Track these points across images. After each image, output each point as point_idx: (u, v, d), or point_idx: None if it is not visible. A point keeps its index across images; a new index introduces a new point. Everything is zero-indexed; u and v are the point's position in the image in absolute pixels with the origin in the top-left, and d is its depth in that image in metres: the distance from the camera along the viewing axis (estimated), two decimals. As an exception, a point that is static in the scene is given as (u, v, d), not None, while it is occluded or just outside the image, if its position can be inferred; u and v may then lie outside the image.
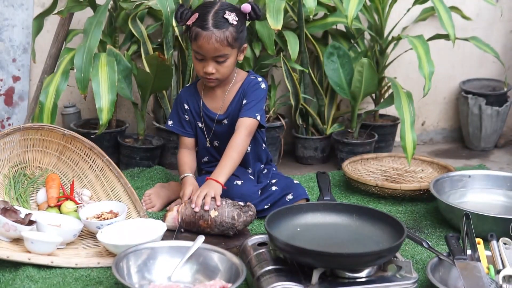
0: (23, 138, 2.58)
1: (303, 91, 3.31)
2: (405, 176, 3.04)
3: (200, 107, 2.70)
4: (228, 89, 2.68)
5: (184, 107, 2.73)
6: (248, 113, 2.62)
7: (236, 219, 2.40)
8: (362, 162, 3.14)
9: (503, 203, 2.79)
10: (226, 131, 2.69)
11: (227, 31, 2.52)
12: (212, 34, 2.51)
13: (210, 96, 2.71)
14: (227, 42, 2.53)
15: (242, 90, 2.67)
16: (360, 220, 2.25)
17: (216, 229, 2.41)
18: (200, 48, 2.54)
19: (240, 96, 2.67)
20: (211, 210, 2.41)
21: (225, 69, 2.58)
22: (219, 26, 2.51)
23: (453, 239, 2.23)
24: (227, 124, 2.69)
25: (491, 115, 3.51)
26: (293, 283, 2.00)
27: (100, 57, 2.81)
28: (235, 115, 2.67)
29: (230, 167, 2.55)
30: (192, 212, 2.43)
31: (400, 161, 3.15)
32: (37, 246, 2.23)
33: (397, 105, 2.97)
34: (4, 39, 3.22)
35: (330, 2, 3.22)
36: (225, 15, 2.53)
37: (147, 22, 3.24)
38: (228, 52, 2.55)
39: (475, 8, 3.61)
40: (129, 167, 3.13)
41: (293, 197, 2.68)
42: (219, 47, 2.52)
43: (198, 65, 2.59)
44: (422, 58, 2.99)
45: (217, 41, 2.51)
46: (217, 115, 2.69)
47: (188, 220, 2.44)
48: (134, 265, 2.13)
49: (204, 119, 2.71)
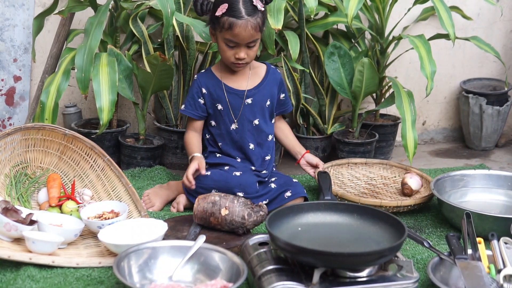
0: (24, 138, 2.58)
1: (304, 91, 3.31)
2: (390, 186, 2.96)
3: (223, 88, 2.76)
4: (250, 71, 2.78)
5: (202, 91, 2.77)
6: (290, 106, 2.92)
7: (246, 219, 2.42)
8: (349, 167, 3.05)
9: (504, 202, 2.79)
10: (249, 111, 2.77)
11: (258, 17, 2.63)
12: (248, 22, 2.60)
13: (231, 78, 2.78)
14: (259, 28, 2.64)
15: (270, 76, 2.81)
16: (361, 220, 2.25)
17: (226, 227, 2.44)
18: (235, 37, 2.61)
19: (270, 81, 2.80)
20: (222, 209, 2.43)
21: (253, 53, 2.70)
22: (251, 13, 2.61)
23: (454, 239, 2.23)
24: (251, 103, 2.76)
25: (492, 114, 3.51)
26: (294, 283, 2.00)
27: (101, 57, 2.82)
28: (260, 96, 2.78)
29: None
30: (204, 208, 2.45)
31: (391, 170, 3.04)
32: (38, 246, 2.23)
33: (398, 105, 2.97)
34: (5, 39, 3.22)
35: (330, 1, 3.22)
36: (254, 2, 2.62)
37: (148, 22, 3.25)
38: (258, 37, 2.67)
39: (475, 7, 3.61)
40: (130, 166, 3.13)
41: (292, 194, 2.69)
42: (254, 34, 2.62)
43: (229, 52, 2.66)
44: (424, 58, 2.99)
45: (252, 28, 2.61)
46: (245, 91, 2.76)
47: (199, 216, 2.46)
48: (135, 265, 2.13)
49: (229, 99, 2.75)
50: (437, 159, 3.49)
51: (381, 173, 3.05)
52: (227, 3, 2.61)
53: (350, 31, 3.35)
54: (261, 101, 2.78)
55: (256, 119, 2.78)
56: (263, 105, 2.79)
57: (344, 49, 3.22)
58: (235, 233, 2.44)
